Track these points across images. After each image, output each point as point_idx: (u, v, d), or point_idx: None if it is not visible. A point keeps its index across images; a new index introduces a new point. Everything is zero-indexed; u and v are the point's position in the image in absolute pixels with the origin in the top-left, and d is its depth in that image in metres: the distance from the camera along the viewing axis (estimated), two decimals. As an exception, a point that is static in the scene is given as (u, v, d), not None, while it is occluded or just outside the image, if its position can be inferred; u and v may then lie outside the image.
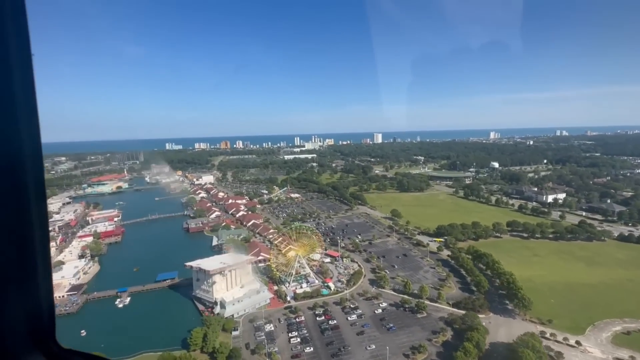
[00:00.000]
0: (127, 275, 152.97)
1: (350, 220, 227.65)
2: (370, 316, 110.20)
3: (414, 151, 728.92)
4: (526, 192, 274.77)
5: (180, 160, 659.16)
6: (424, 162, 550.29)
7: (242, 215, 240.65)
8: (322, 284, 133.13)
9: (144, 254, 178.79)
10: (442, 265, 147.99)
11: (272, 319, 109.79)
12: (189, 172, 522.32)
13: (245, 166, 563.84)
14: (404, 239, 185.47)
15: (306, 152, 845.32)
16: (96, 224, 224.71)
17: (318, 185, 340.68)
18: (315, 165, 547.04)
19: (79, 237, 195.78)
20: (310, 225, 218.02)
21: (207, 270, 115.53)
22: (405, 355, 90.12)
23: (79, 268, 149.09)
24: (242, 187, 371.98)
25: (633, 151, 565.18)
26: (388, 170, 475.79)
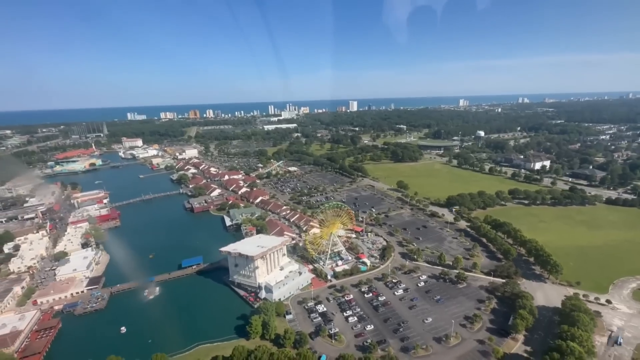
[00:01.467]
0: (143, 262, 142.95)
1: (357, 193, 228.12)
2: (414, 289, 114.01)
3: (394, 120, 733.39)
4: (515, 160, 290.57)
5: (152, 132, 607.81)
6: (407, 131, 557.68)
7: (245, 192, 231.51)
8: (356, 260, 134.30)
9: (151, 238, 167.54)
10: (463, 235, 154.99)
11: (320, 299, 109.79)
12: (166, 145, 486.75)
13: (225, 138, 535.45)
14: (418, 211, 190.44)
15: (285, 122, 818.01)
16: (85, 207, 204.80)
17: (313, 158, 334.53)
18: (299, 136, 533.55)
19: (71, 223, 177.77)
20: (320, 198, 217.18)
21: (249, 256, 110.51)
22: (462, 325, 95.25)
23: (89, 259, 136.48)
24: (231, 161, 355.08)
25: (592, 117, 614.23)
26: (375, 139, 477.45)
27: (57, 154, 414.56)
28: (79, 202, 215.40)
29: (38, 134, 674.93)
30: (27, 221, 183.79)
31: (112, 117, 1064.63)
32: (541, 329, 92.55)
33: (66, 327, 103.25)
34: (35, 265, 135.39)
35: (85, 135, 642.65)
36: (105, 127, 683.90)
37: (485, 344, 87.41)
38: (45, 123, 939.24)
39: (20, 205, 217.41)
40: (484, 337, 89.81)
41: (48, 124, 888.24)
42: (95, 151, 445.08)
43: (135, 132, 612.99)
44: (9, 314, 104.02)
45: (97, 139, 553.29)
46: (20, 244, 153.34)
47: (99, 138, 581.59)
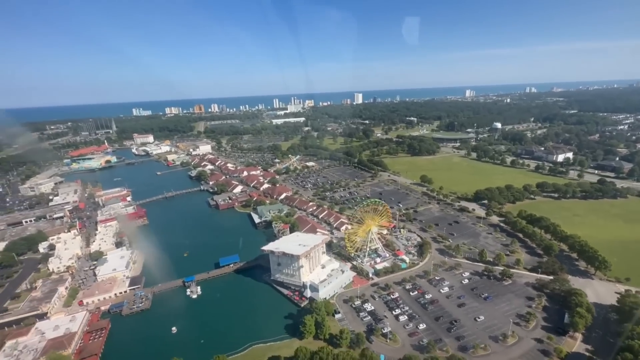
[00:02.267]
0: (178, 261, 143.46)
1: (380, 188, 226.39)
2: (459, 287, 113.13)
3: (403, 112, 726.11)
4: (536, 152, 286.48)
5: (161, 128, 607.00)
6: (419, 123, 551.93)
7: (267, 188, 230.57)
8: (394, 257, 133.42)
9: (182, 236, 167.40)
10: (498, 230, 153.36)
11: (366, 298, 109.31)
12: (177, 141, 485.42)
13: (235, 133, 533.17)
14: (446, 206, 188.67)
15: (292, 116, 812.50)
16: (111, 205, 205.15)
17: (329, 152, 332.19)
18: (310, 130, 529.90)
19: (101, 221, 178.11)
20: (343, 194, 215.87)
21: (295, 255, 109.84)
22: (516, 324, 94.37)
23: (126, 258, 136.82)
24: (246, 157, 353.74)
25: (605, 107, 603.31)
26: (387, 133, 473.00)
27: (70, 152, 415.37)
28: (103, 200, 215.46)
29: (47, 131, 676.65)
30: (56, 220, 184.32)
31: (117, 113, 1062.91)
32: (598, 327, 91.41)
33: (115, 327, 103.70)
34: (73, 265, 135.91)
35: (95, 131, 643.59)
36: (114, 123, 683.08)
37: (544, 342, 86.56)
38: (52, 120, 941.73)
39: (45, 203, 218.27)
40: (541, 336, 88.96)
41: (55, 121, 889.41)
42: (108, 148, 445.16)
43: (145, 128, 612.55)
44: (60, 315, 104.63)
45: (108, 136, 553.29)
46: (54, 244, 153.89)
47: (108, 134, 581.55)
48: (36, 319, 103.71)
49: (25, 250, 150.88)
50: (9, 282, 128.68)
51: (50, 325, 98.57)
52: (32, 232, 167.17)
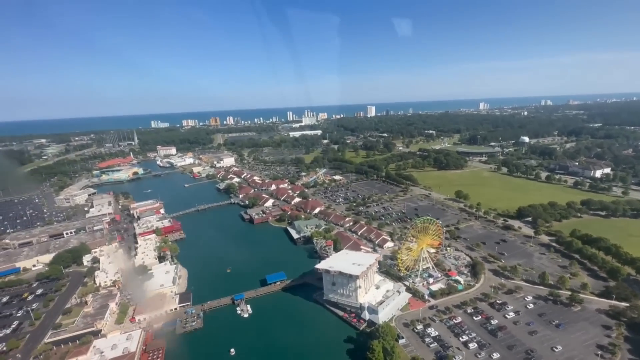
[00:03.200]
0: (222, 277, 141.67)
1: (414, 203, 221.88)
2: (525, 312, 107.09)
3: (419, 125, 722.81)
4: (571, 168, 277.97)
5: (182, 140, 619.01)
6: (438, 137, 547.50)
7: (299, 202, 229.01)
8: (446, 277, 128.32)
9: (221, 251, 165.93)
10: (552, 250, 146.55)
11: (427, 322, 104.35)
12: (199, 153, 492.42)
13: (255, 145, 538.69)
14: (488, 223, 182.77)
15: (307, 128, 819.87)
16: (146, 217, 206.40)
17: (353, 166, 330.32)
18: (329, 143, 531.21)
19: (140, 234, 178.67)
20: (377, 209, 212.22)
21: (353, 275, 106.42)
22: (597, 355, 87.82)
23: (171, 273, 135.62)
24: (270, 169, 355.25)
25: (631, 120, 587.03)
26: (408, 146, 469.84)
27: (98, 163, 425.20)
28: (138, 212, 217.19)
29: (72, 143, 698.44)
30: (96, 232, 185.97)
31: (136, 125, 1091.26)
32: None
33: (170, 347, 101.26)
34: (119, 280, 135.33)
35: (118, 143, 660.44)
36: (136, 135, 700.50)
37: (637, 378, 79.92)
38: (76, 131, 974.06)
39: (82, 215, 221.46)
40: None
41: (79, 132, 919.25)
42: (133, 160, 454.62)
43: (166, 140, 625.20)
44: (116, 333, 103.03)
45: (131, 148, 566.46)
46: (98, 257, 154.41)
47: (131, 146, 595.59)
48: (91, 336, 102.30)
49: (70, 262, 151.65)
50: (58, 295, 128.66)
51: (107, 343, 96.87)
52: (75, 244, 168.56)
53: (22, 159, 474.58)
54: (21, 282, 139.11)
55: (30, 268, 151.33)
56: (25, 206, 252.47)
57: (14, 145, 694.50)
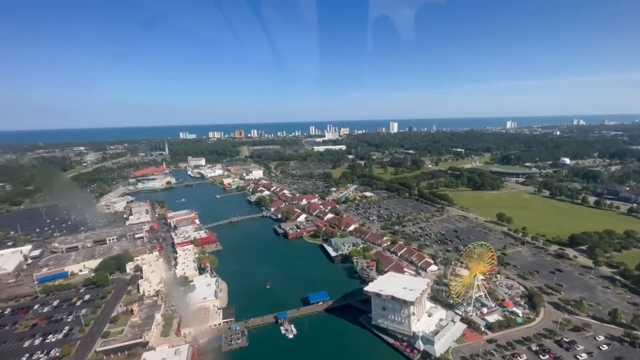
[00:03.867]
0: (261, 293, 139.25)
1: (453, 224, 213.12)
2: (599, 354, 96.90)
3: (446, 142, 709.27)
4: (622, 193, 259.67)
5: (210, 152, 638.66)
6: (468, 155, 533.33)
7: (332, 219, 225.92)
8: (501, 308, 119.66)
9: (257, 265, 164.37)
10: (618, 285, 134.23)
11: (489, 357, 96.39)
12: (226, 165, 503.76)
13: (281, 158, 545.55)
14: (537, 250, 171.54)
15: (330, 143, 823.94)
16: (183, 227, 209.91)
17: (384, 182, 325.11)
18: (354, 158, 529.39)
19: (178, 244, 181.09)
20: (414, 229, 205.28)
21: (407, 300, 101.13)
22: (699, 412, 77.03)
23: (213, 287, 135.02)
24: (298, 183, 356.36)
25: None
26: (437, 164, 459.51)
27: (133, 171, 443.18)
28: (174, 222, 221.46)
29: (108, 151, 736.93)
30: (137, 240, 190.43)
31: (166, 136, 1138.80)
32: None
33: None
34: (162, 290, 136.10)
35: (150, 153, 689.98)
36: (167, 146, 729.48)
37: None
38: (111, 140, 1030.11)
39: (121, 222, 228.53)
40: None
41: (113, 141, 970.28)
42: (165, 169, 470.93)
43: (195, 151, 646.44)
44: (164, 346, 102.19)
45: (163, 157, 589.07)
46: (140, 265, 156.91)
47: (163, 156, 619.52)
48: (140, 347, 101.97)
49: (114, 269, 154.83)
50: (104, 302, 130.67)
51: (156, 357, 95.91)
52: (118, 251, 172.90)
53: (64, 165, 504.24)
54: (69, 287, 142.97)
55: (77, 273, 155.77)
56: (69, 211, 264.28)
57: (57, 152, 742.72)
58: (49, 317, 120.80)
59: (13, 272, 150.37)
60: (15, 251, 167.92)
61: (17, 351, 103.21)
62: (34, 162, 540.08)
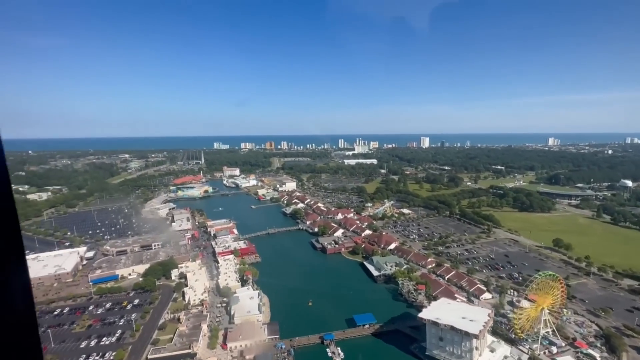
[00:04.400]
0: (303, 310, 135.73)
1: (502, 248, 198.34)
2: None
3: (483, 159, 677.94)
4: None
5: (243, 162, 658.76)
6: (509, 173, 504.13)
7: (370, 235, 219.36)
8: (573, 348, 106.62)
9: (297, 280, 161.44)
10: None
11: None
12: (259, 175, 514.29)
13: (312, 171, 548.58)
14: (606, 283, 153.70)
15: (360, 157, 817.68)
16: (222, 237, 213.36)
17: (421, 199, 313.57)
18: (387, 172, 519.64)
19: (219, 254, 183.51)
20: (459, 251, 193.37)
21: (469, 333, 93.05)
22: None
23: (255, 300, 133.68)
24: (331, 197, 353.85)
25: None
26: (477, 181, 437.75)
27: (173, 179, 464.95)
28: (214, 231, 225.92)
29: (150, 159, 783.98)
30: (180, 247, 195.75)
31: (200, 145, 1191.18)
32: None
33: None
34: (206, 300, 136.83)
35: (187, 162, 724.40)
36: (203, 155, 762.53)
37: None
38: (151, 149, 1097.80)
39: (164, 229, 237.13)
40: None
41: (154, 150, 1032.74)
42: (202, 178, 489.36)
43: (229, 162, 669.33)
44: (212, 359, 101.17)
45: (199, 166, 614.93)
46: (184, 272, 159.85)
47: (199, 165, 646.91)
48: (189, 359, 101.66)
49: (160, 275, 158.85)
50: (152, 308, 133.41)
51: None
52: (163, 257, 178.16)
53: (112, 171, 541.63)
54: (120, 290, 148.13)
55: (127, 276, 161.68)
56: (117, 215, 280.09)
57: (104, 158, 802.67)
58: (103, 319, 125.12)
59: (71, 272, 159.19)
60: (73, 252, 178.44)
61: (75, 351, 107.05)
62: (86, 167, 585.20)
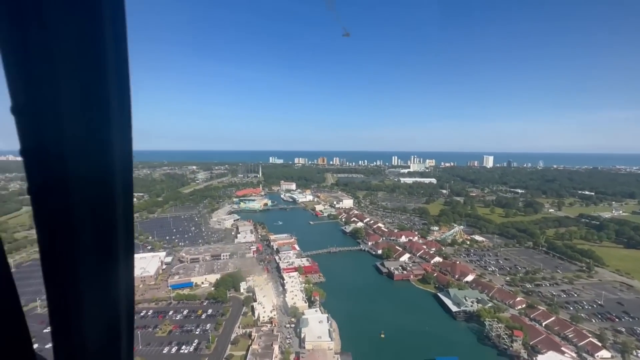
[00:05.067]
0: (376, 343, 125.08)
1: (612, 293, 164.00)
2: None
3: (564, 182, 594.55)
4: None
5: (298, 177, 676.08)
6: (599, 199, 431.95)
7: (441, 263, 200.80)
8: None
9: (365, 307, 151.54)
10: None
11: None
12: (314, 191, 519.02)
13: (368, 188, 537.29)
14: None
15: (417, 175, 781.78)
16: (285, 252, 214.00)
17: (496, 226, 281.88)
18: (449, 193, 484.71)
19: (284, 270, 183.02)
20: (554, 291, 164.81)
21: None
22: None
23: (325, 325, 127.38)
24: (391, 217, 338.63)
25: None
26: (560, 208, 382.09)
27: (235, 191, 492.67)
28: (277, 245, 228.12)
29: (214, 171, 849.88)
30: (247, 260, 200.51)
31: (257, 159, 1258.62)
32: None
33: None
34: (275, 318, 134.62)
35: (247, 175, 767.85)
36: (261, 169, 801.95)
37: None
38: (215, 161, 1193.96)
39: (231, 240, 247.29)
40: None
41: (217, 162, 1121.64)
42: (261, 191, 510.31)
43: (285, 176, 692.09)
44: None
45: (258, 180, 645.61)
46: (252, 286, 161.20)
47: (257, 178, 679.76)
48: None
49: (230, 287, 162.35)
50: (224, 320, 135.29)
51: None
52: (232, 268, 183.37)
53: (183, 181, 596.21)
54: (195, 298, 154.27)
55: (200, 285, 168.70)
56: (189, 223, 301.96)
57: (176, 169, 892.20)
58: (181, 326, 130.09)
59: (154, 275, 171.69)
60: (155, 255, 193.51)
61: (159, 357, 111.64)
62: (162, 177, 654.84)
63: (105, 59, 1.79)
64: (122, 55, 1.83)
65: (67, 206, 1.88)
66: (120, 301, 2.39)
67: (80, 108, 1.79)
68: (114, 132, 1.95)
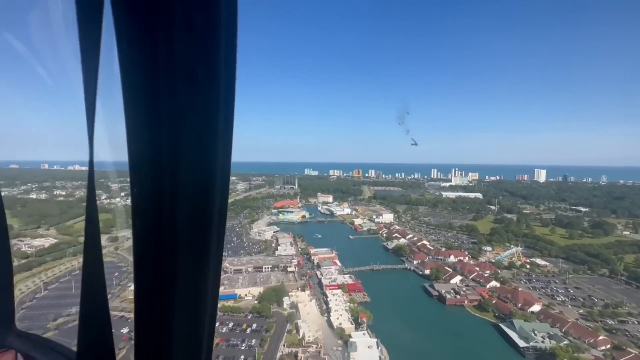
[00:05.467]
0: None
1: None
2: None
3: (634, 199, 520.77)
4: None
5: (335, 190, 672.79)
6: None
7: (498, 289, 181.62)
8: None
9: (417, 334, 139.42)
10: None
11: None
12: (352, 204, 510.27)
13: (407, 202, 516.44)
14: None
15: (460, 189, 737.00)
16: (327, 267, 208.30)
17: (559, 248, 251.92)
18: (498, 209, 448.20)
19: (327, 287, 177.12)
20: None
21: None
22: None
23: (375, 350, 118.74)
24: (435, 233, 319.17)
25: None
26: (637, 230, 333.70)
27: (273, 202, 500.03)
28: (317, 259, 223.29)
29: (252, 182, 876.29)
30: (289, 274, 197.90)
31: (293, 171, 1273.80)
32: None
33: None
34: (320, 339, 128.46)
35: (283, 186, 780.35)
36: (297, 181, 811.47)
37: None
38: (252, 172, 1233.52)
39: (271, 252, 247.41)
40: None
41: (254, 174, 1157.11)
42: (298, 203, 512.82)
43: (321, 188, 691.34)
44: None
45: (294, 191, 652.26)
46: (295, 302, 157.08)
47: (294, 190, 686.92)
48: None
49: (273, 301, 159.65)
50: (269, 337, 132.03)
51: None
52: (274, 281, 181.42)
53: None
54: (239, 310, 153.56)
55: (244, 297, 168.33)
56: (231, 233, 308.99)
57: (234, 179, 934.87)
58: (227, 340, 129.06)
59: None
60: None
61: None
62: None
63: (218, 79, 1.90)
64: (231, 74, 1.96)
65: (171, 212, 2.00)
66: (205, 310, 2.50)
67: (194, 120, 1.93)
68: (218, 141, 2.08)
